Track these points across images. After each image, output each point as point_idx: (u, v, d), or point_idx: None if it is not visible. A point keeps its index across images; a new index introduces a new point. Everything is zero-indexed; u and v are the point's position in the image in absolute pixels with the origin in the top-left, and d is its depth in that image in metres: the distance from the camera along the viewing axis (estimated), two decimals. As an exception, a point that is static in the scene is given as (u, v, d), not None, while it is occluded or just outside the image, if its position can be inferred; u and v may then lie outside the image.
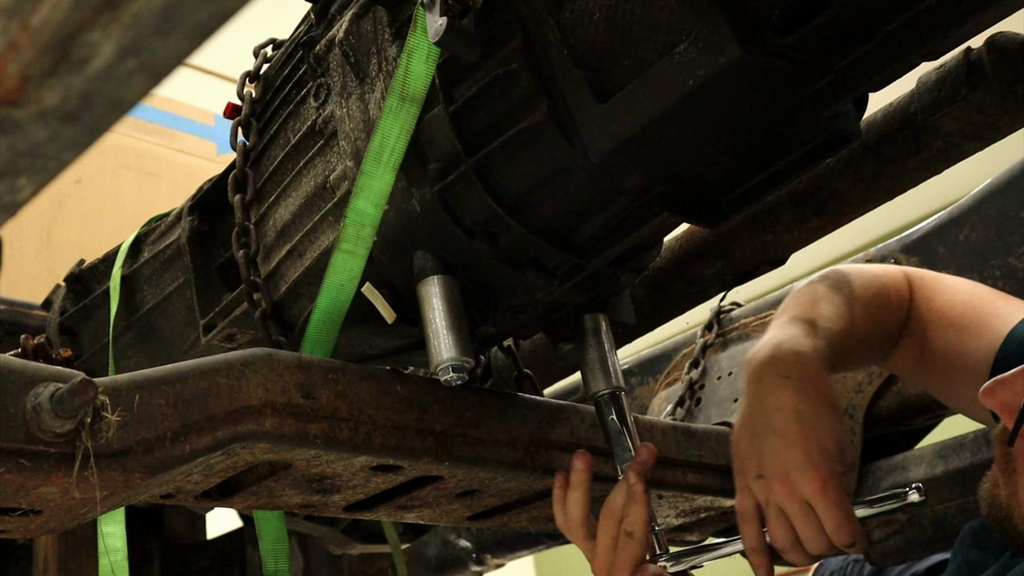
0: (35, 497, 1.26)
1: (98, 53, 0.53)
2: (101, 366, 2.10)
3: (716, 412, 2.35)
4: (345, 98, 1.62)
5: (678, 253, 2.15)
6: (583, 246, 1.56)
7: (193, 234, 1.91)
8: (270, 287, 1.75)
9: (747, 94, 1.38)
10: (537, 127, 1.42)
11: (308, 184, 1.70)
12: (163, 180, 3.85)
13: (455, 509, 1.85)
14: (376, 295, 1.60)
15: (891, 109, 1.83)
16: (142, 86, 0.56)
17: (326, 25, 1.72)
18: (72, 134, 0.57)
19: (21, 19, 0.51)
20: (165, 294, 1.97)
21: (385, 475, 1.62)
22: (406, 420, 1.57)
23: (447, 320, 1.52)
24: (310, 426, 1.45)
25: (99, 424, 1.26)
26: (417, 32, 1.46)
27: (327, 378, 1.50)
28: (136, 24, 0.52)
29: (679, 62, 1.32)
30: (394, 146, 1.50)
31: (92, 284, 2.24)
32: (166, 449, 1.32)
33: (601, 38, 1.40)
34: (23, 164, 0.59)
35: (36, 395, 1.20)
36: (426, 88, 1.49)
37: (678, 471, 1.96)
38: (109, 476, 1.27)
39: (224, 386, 1.39)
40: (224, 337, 1.82)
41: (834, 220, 1.95)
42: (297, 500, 1.68)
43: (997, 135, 1.74)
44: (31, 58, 0.52)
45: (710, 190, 1.54)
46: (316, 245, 1.67)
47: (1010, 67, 1.67)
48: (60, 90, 0.54)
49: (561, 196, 1.49)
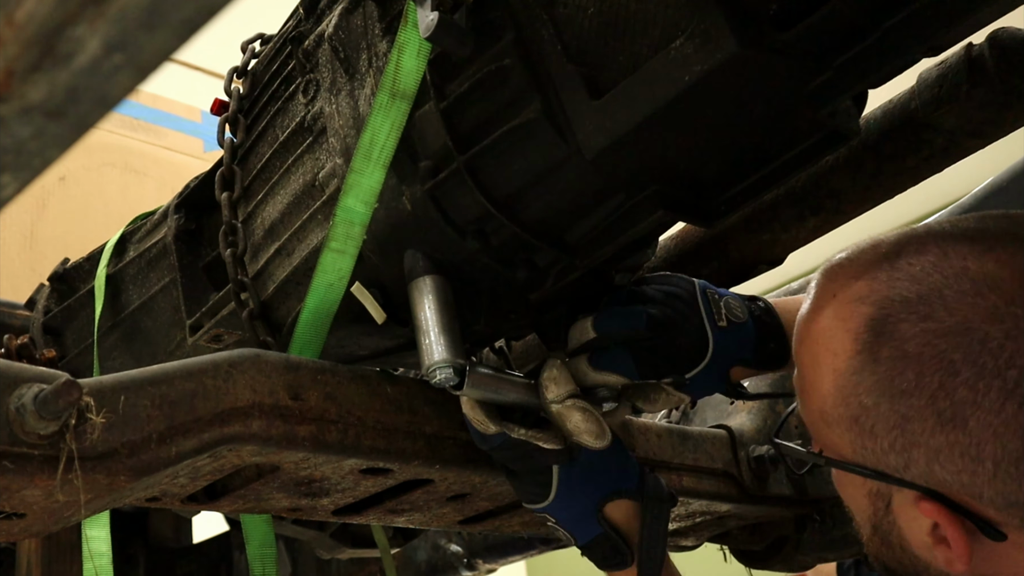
0: (18, 500, 1.25)
1: (83, 48, 0.52)
2: (86, 367, 2.09)
3: (712, 415, 2.34)
4: (334, 94, 1.60)
5: (673, 252, 2.13)
6: (577, 245, 1.55)
7: (179, 233, 1.90)
8: (258, 287, 1.73)
9: (744, 90, 1.37)
10: (530, 124, 1.41)
11: (297, 182, 1.69)
12: (149, 177, 3.84)
13: (446, 513, 1.84)
14: (366, 295, 1.59)
15: (891, 106, 1.82)
16: (128, 82, 0.55)
17: (315, 20, 1.70)
18: (57, 130, 0.57)
19: (6, 13, 0.50)
20: (151, 294, 1.95)
21: (375, 478, 1.60)
22: (396, 422, 1.56)
23: (438, 321, 1.51)
24: (298, 428, 1.44)
25: (83, 426, 1.24)
26: (408, 27, 1.45)
27: (316, 379, 1.49)
28: (122, 19, 0.51)
29: (675, 58, 1.31)
30: (384, 143, 1.49)
31: (76, 283, 2.22)
32: (152, 451, 1.31)
33: (595, 33, 1.39)
34: (7, 161, 0.58)
35: (19, 396, 1.18)
36: (417, 84, 1.48)
37: (673, 474, 1.95)
38: (94, 479, 1.26)
39: (211, 387, 1.38)
40: (211, 338, 1.81)
41: (833, 219, 1.93)
42: (285, 504, 1.67)
43: (999, 133, 1.73)
44: (15, 53, 0.51)
45: (706, 188, 1.53)
46: (305, 244, 1.65)
47: (1012, 64, 1.66)
48: (45, 86, 0.53)
49: (554, 194, 1.48)
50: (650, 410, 1.71)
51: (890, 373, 1.26)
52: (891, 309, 1.28)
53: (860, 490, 1.38)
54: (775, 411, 2.27)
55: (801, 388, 1.44)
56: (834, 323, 1.35)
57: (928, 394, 1.23)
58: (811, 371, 1.39)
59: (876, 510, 1.37)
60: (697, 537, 2.31)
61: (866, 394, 1.29)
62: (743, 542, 2.46)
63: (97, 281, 2.06)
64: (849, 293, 1.34)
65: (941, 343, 1.23)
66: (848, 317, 1.33)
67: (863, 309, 1.31)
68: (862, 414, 1.30)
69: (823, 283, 1.41)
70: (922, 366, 1.24)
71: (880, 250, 1.37)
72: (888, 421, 1.27)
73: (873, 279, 1.33)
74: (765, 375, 2.09)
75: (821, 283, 1.41)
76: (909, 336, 1.25)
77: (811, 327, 1.40)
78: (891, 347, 1.27)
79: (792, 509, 2.27)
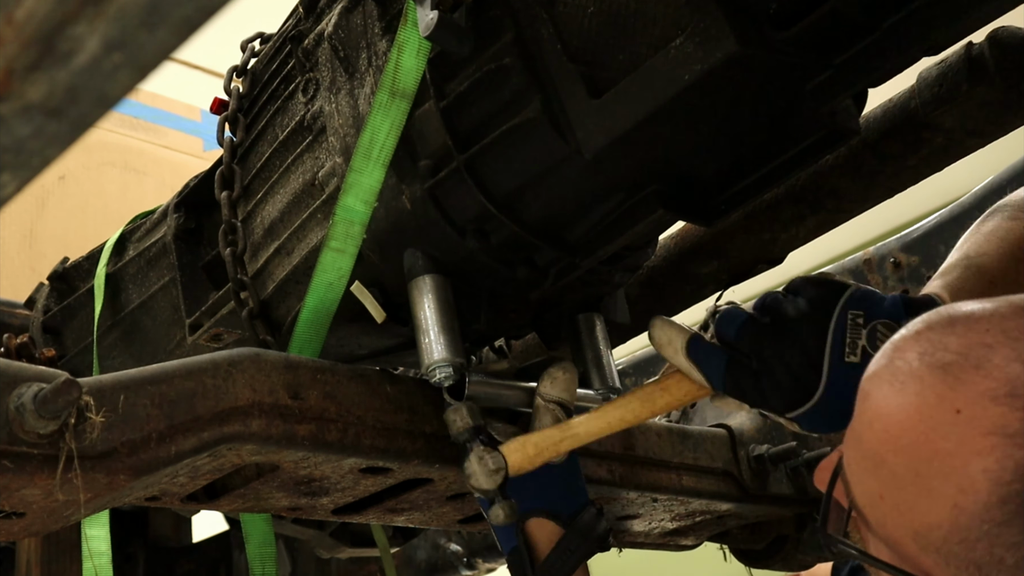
0: (18, 499, 1.24)
1: (83, 47, 0.52)
2: (85, 366, 2.08)
3: (712, 414, 2.34)
4: (334, 93, 1.60)
5: (673, 251, 2.13)
6: (577, 244, 1.55)
7: (179, 232, 1.89)
8: (257, 286, 1.73)
9: (744, 89, 1.37)
10: (530, 123, 1.41)
11: (296, 181, 1.68)
12: (148, 177, 3.83)
13: (446, 512, 1.83)
14: (365, 294, 1.59)
15: (891, 105, 1.82)
16: (128, 81, 0.55)
17: (315, 19, 1.70)
18: (56, 129, 0.56)
19: (5, 12, 0.50)
20: (150, 293, 1.95)
21: (374, 477, 1.60)
22: (396, 421, 1.55)
23: (438, 320, 1.51)
24: (298, 427, 1.44)
25: (83, 425, 1.24)
26: (408, 26, 1.45)
27: (315, 378, 1.49)
28: (122, 18, 0.51)
29: (675, 56, 1.31)
30: (384, 142, 1.48)
31: (76, 282, 2.22)
32: (151, 450, 1.31)
33: (595, 32, 1.39)
34: (6, 160, 0.58)
35: (19, 395, 1.18)
36: (417, 83, 1.47)
37: (673, 474, 1.95)
38: (93, 478, 1.25)
39: (210, 386, 1.37)
40: (210, 337, 1.81)
41: (833, 218, 1.93)
42: (285, 503, 1.67)
43: (999, 131, 1.73)
44: (15, 52, 0.51)
45: (706, 187, 1.52)
46: (304, 243, 1.65)
47: (1012, 63, 1.66)
48: (45, 85, 0.53)
49: (554, 193, 1.47)
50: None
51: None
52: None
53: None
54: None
55: (879, 491, 1.14)
56: (959, 449, 1.05)
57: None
58: (910, 485, 1.10)
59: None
60: (697, 536, 2.31)
61: (1005, 549, 1.04)
62: (743, 541, 2.46)
63: (97, 280, 2.06)
64: (983, 416, 1.04)
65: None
66: (983, 452, 1.03)
67: (1011, 450, 1.02)
68: (991, 563, 1.05)
69: (932, 380, 1.08)
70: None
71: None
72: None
73: (1016, 406, 1.03)
74: None
75: (928, 379, 1.08)
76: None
77: (919, 444, 1.08)
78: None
79: (792, 508, 2.27)
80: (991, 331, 1.07)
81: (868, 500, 1.16)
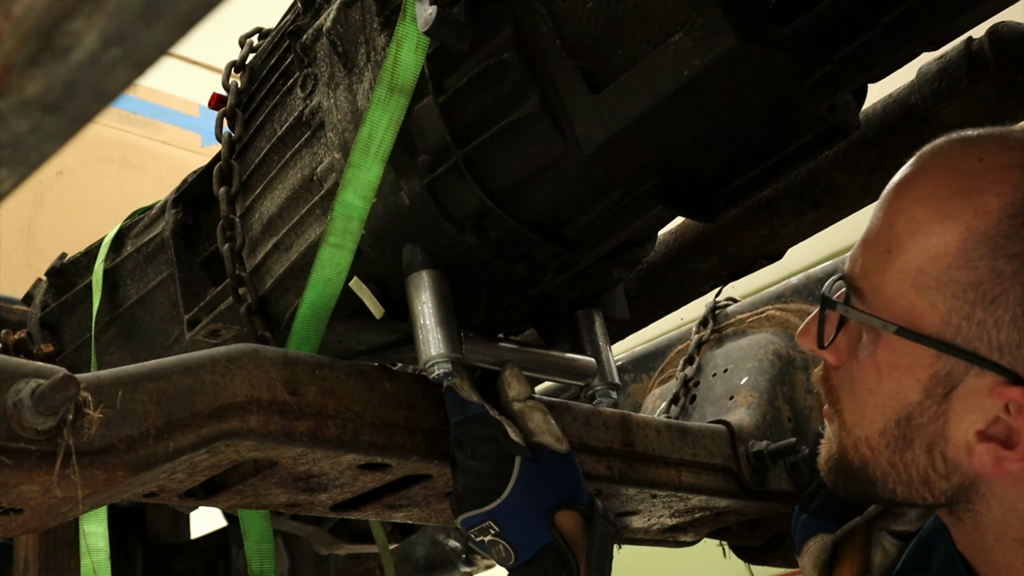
0: (15, 495, 1.24)
1: (81, 42, 0.52)
2: (83, 362, 2.08)
3: (711, 410, 2.34)
4: (333, 88, 1.60)
5: (672, 247, 2.13)
6: (576, 240, 1.55)
7: (177, 227, 1.89)
8: (256, 282, 1.73)
9: (743, 85, 1.37)
10: (529, 118, 1.41)
11: (295, 176, 1.68)
12: (147, 172, 3.83)
13: (444, 509, 1.83)
14: (364, 290, 1.58)
15: (890, 100, 1.82)
16: (126, 76, 0.55)
17: (313, 14, 1.70)
18: (54, 125, 0.57)
19: (3, 7, 0.50)
20: (148, 288, 1.95)
21: (373, 474, 1.60)
22: (394, 417, 1.55)
23: (436, 315, 1.51)
24: (296, 423, 1.44)
25: (81, 421, 1.24)
26: (406, 21, 1.45)
27: (314, 374, 1.49)
28: (120, 13, 0.51)
29: (674, 52, 1.31)
30: (383, 138, 1.48)
31: (74, 278, 2.22)
32: (149, 447, 1.30)
33: (594, 27, 1.39)
34: (4, 155, 0.58)
35: (17, 391, 1.18)
36: (415, 78, 1.47)
37: (672, 470, 1.94)
38: (91, 474, 1.25)
39: (209, 383, 1.37)
40: (209, 332, 1.80)
41: (832, 214, 1.93)
42: (283, 499, 1.67)
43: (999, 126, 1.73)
44: (13, 47, 0.51)
45: (705, 183, 1.53)
46: (303, 239, 1.65)
47: (1012, 58, 1.66)
48: (42, 80, 0.53)
49: (553, 189, 1.47)
50: None
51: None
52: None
53: (917, 373, 1.27)
54: (774, 406, 2.27)
55: (886, 246, 1.31)
56: (981, 184, 1.24)
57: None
58: (924, 226, 1.26)
59: (923, 399, 1.27)
60: (696, 533, 2.31)
61: (1006, 260, 1.20)
62: (742, 538, 2.45)
63: (95, 276, 2.06)
64: (1004, 159, 1.25)
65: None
66: (1001, 180, 1.23)
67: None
68: (990, 279, 1.21)
69: (960, 148, 1.31)
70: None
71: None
72: (1018, 293, 1.20)
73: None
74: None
75: (958, 148, 1.31)
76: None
77: (942, 184, 1.28)
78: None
79: (791, 504, 2.26)
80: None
81: (872, 266, 1.32)
